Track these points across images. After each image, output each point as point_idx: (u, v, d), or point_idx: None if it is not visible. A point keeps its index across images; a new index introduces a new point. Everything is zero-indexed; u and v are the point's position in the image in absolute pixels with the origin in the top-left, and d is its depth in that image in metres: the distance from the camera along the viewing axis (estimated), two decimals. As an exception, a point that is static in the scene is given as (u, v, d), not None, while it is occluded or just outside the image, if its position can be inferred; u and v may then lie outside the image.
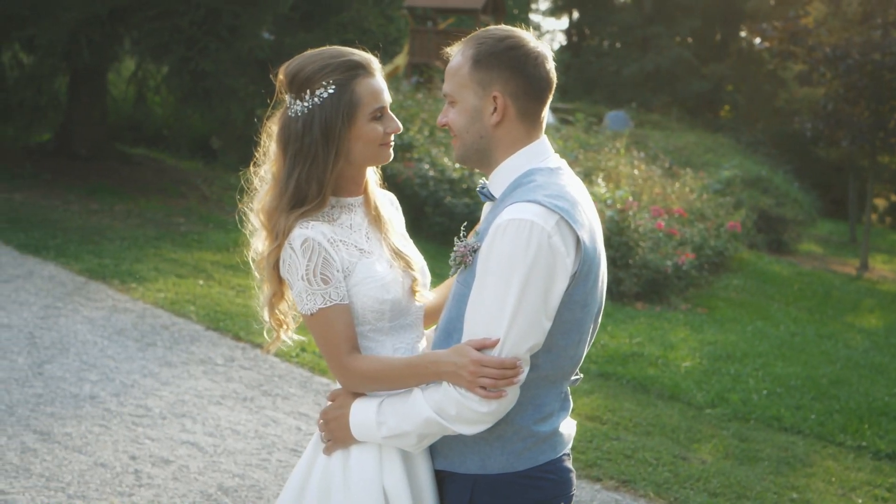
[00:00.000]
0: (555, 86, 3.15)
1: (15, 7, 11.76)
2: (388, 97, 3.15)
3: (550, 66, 3.12)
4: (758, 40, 53.59)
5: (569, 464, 3.16)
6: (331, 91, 3.05)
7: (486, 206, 3.20)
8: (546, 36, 62.84)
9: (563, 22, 65.73)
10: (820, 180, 33.64)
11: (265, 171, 3.23)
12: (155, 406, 7.08)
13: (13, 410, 6.68)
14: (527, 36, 3.09)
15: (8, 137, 13.67)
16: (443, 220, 14.16)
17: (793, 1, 45.39)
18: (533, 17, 62.03)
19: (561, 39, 63.16)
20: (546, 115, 3.16)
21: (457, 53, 3.11)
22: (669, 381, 9.27)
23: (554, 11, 63.36)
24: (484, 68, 3.03)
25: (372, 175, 3.27)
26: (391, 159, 3.19)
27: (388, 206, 3.35)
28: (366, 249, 3.12)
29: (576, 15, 61.47)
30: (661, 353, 10.23)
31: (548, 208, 2.86)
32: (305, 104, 3.06)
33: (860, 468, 7.85)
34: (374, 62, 3.14)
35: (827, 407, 9.24)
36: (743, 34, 54.12)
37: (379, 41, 14.52)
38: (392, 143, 3.16)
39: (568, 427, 3.16)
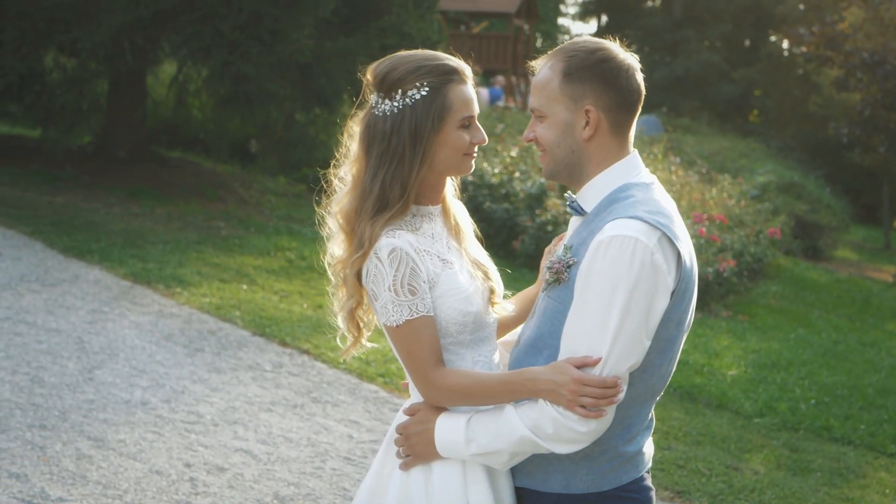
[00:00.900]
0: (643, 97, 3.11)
1: (59, 10, 11.80)
2: (477, 107, 3.10)
3: (640, 77, 3.07)
4: (785, 44, 53.51)
5: (649, 482, 3.12)
6: (423, 93, 3.00)
7: (574, 220, 3.14)
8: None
9: (592, 26, 65.77)
10: (851, 186, 33.40)
11: (345, 172, 3.18)
12: (206, 413, 7.06)
13: (66, 416, 6.67)
14: (615, 47, 3.05)
15: (49, 140, 13.69)
16: (481, 225, 13.91)
17: (824, 6, 45.19)
18: (562, 20, 61.85)
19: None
20: (634, 128, 3.12)
21: (543, 67, 3.06)
22: (716, 390, 9.20)
23: (583, 15, 63.25)
24: (576, 81, 2.98)
25: (450, 184, 3.23)
26: (471, 171, 3.15)
27: (465, 214, 3.31)
28: (448, 260, 3.08)
29: (604, 19, 61.48)
30: (706, 361, 10.15)
31: (650, 225, 2.82)
32: (395, 104, 3.02)
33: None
34: (467, 70, 3.10)
35: (876, 417, 9.15)
36: (773, 39, 53.90)
37: (418, 45, 14.49)
38: (475, 155, 3.12)
39: (649, 445, 3.12)
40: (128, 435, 6.51)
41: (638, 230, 2.80)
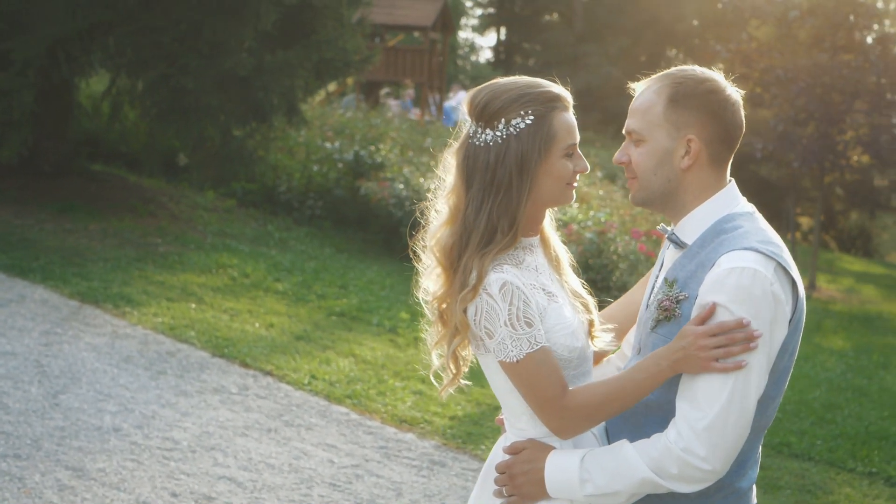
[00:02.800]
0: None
1: (-10, 20, 11.45)
2: (578, 135, 3.02)
3: (742, 113, 3.02)
4: (674, 53, 54.56)
5: None
6: (528, 122, 2.91)
7: (671, 252, 3.06)
8: (474, 52, 62.87)
9: (491, 39, 66.20)
10: (752, 199, 34.00)
11: (441, 205, 3.07)
12: (182, 439, 6.86)
13: (39, 444, 6.43)
14: (723, 80, 2.99)
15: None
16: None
17: (725, 22, 46.10)
18: (462, 34, 62.10)
19: (488, 56, 63.25)
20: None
21: (647, 90, 2.99)
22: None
23: (482, 28, 63.56)
24: (682, 109, 2.91)
25: (548, 214, 3.14)
26: (573, 201, 3.07)
27: (561, 244, 3.22)
28: (552, 292, 2.99)
29: (504, 32, 61.88)
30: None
31: (766, 255, 2.77)
32: (498, 134, 2.92)
33: (877, 495, 7.87)
34: (569, 96, 3.01)
35: (830, 432, 9.27)
36: (677, 54, 54.90)
37: (352, 59, 14.38)
38: (576, 185, 3.04)
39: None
40: (106, 463, 6.29)
41: (755, 261, 2.75)
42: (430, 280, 3.08)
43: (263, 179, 15.51)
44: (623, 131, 3.03)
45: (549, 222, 3.14)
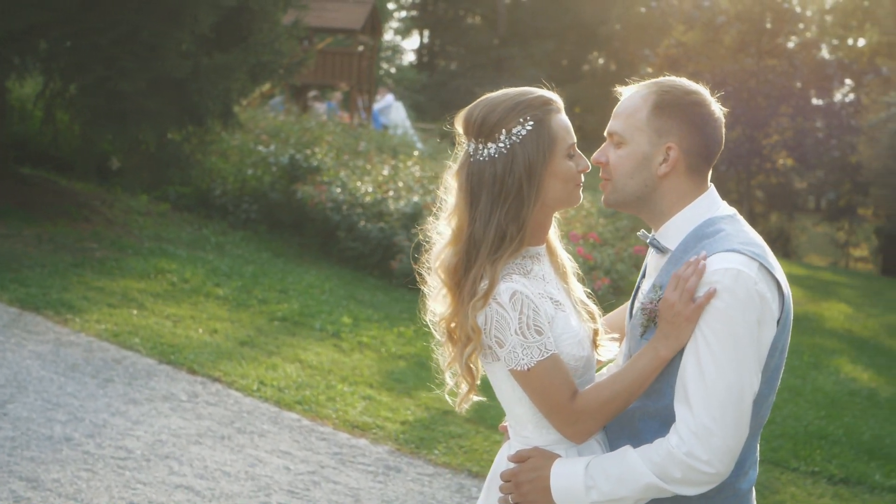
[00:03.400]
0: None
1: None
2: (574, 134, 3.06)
3: (723, 131, 3.09)
4: (601, 61, 55.06)
5: None
6: (528, 128, 2.95)
7: (655, 258, 3.12)
8: (398, 55, 62.82)
9: (414, 41, 66.15)
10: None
11: (443, 227, 3.09)
12: (135, 447, 6.78)
13: (-9, 455, 6.30)
14: (709, 96, 3.05)
15: None
16: (356, 244, 13.97)
17: (647, 26, 46.64)
18: (385, 37, 62.02)
19: (411, 59, 63.27)
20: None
21: (634, 95, 3.04)
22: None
23: (405, 31, 63.54)
24: (666, 117, 2.97)
25: (553, 223, 3.17)
26: (580, 202, 3.09)
27: (566, 254, 3.25)
28: (559, 301, 3.03)
29: (426, 34, 61.95)
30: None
31: (748, 256, 2.84)
32: (501, 145, 2.96)
33: (821, 494, 8.02)
34: (559, 98, 3.06)
35: (771, 432, 9.41)
36: (599, 59, 55.39)
37: (287, 61, 14.31)
38: (582, 184, 3.07)
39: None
40: (60, 474, 6.20)
41: (739, 262, 2.81)
42: (436, 302, 3.10)
43: (197, 183, 15.34)
44: (605, 133, 3.07)
45: (554, 232, 3.17)
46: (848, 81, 22.19)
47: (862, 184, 34.74)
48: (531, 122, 2.95)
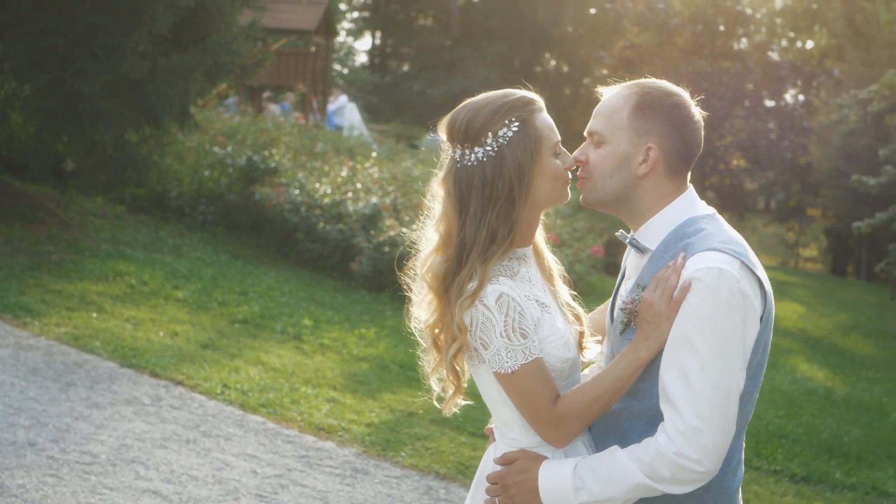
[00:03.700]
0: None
1: None
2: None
3: (703, 133, 3.11)
4: (553, 63, 55.30)
5: None
6: (514, 129, 2.96)
7: (635, 258, 3.13)
8: (350, 56, 62.68)
9: (366, 42, 66.08)
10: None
11: (431, 233, 3.08)
12: (100, 452, 6.71)
13: (-46, 461, 6.22)
14: (689, 99, 3.07)
15: None
16: (315, 246, 13.92)
17: (600, 28, 46.86)
18: (337, 38, 61.82)
19: (363, 60, 63.13)
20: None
21: (614, 95, 3.06)
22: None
23: (357, 32, 63.37)
24: (646, 117, 2.99)
25: (540, 227, 3.17)
26: (569, 199, 3.10)
27: (552, 256, 3.26)
28: (545, 303, 3.03)
29: (378, 36, 61.81)
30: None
31: (730, 255, 2.86)
32: (488, 148, 2.96)
33: (784, 493, 8.09)
34: (540, 98, 3.07)
35: (731, 432, 9.49)
36: (552, 60, 55.53)
37: (245, 62, 14.22)
38: (569, 181, 3.08)
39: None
40: (25, 479, 6.13)
41: (721, 261, 2.83)
42: (421, 309, 3.10)
43: (153, 185, 15.21)
44: (585, 132, 3.09)
45: (540, 235, 3.17)
46: (799, 83, 22.42)
47: (812, 185, 35.16)
48: (516, 124, 2.96)
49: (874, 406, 11.84)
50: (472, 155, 2.97)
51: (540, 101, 3.04)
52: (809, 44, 47.67)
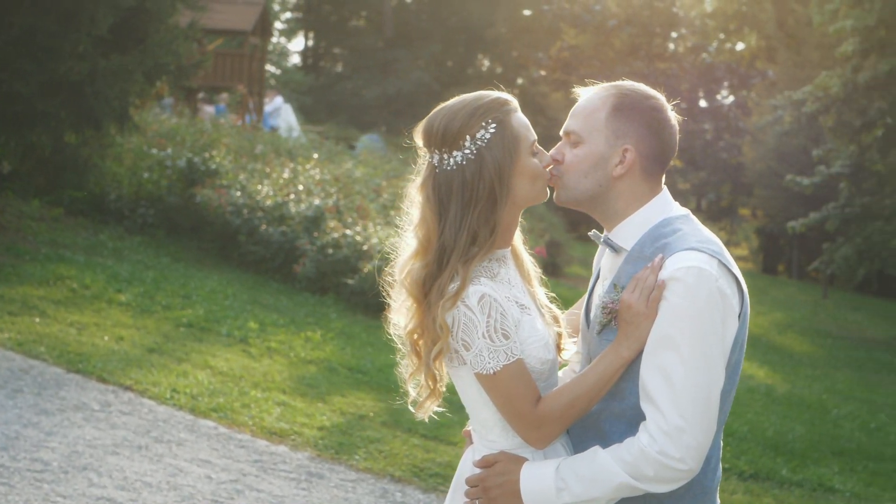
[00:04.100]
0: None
1: None
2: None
3: (678, 137, 3.14)
4: (487, 63, 55.56)
5: None
6: (492, 130, 2.96)
7: (609, 258, 3.15)
8: (284, 57, 62.36)
9: (299, 43, 65.66)
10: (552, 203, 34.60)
11: (410, 238, 3.07)
12: (51, 459, 6.61)
13: None
14: (666, 102, 3.10)
15: None
16: (257, 248, 13.83)
17: (533, 29, 47.06)
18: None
19: (296, 61, 62.86)
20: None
21: (592, 96, 3.08)
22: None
23: (289, 33, 63.06)
24: (624, 119, 3.01)
25: (517, 228, 3.18)
26: (547, 197, 3.11)
27: (530, 258, 3.26)
28: (525, 305, 3.04)
29: (311, 36, 61.53)
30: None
31: (707, 254, 2.88)
32: (467, 151, 2.95)
33: (734, 490, 8.19)
34: (513, 98, 3.07)
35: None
36: (485, 61, 55.66)
37: (183, 63, 14.10)
38: (548, 180, 3.08)
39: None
40: (-24, 488, 6.01)
41: (699, 260, 2.85)
42: (400, 314, 3.09)
43: (92, 187, 14.99)
44: (561, 132, 3.10)
45: (518, 237, 3.17)
46: (733, 83, 22.71)
47: (744, 184, 35.62)
48: (493, 125, 2.96)
49: (815, 403, 12.04)
50: (451, 159, 2.97)
51: (514, 102, 3.05)
52: (740, 45, 48.34)
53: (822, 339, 19.55)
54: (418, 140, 3.05)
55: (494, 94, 3.03)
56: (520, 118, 3.02)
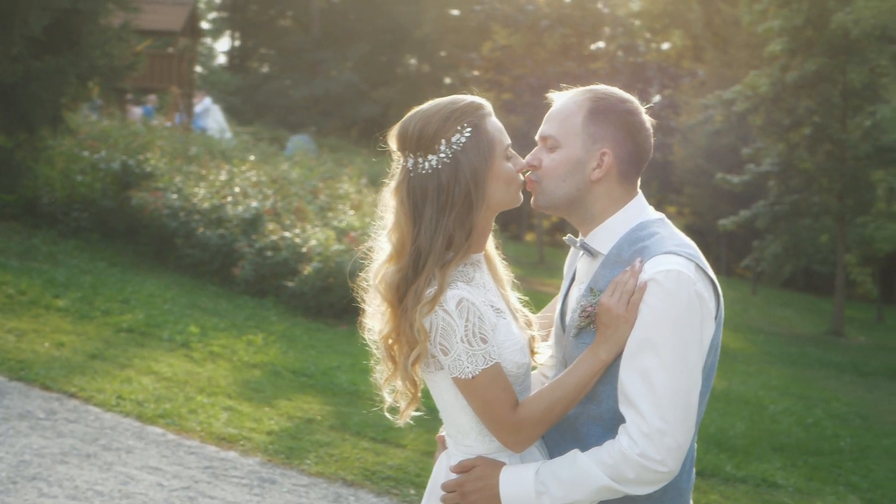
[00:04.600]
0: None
1: None
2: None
3: (653, 140, 3.17)
4: (414, 61, 55.55)
5: None
6: (467, 134, 2.96)
7: (585, 262, 3.17)
8: (210, 57, 61.79)
9: (225, 44, 65.20)
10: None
11: (383, 243, 3.07)
12: (-1, 470, 6.50)
13: None
14: (640, 106, 3.13)
15: None
16: (195, 251, 13.69)
17: (461, 29, 47.23)
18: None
19: (222, 61, 62.32)
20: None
21: (567, 100, 3.10)
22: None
23: (215, 33, 62.49)
24: (600, 123, 3.04)
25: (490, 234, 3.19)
26: (521, 202, 3.12)
27: (502, 262, 3.27)
28: (500, 309, 3.05)
29: (238, 36, 61.08)
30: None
31: (685, 257, 2.92)
32: (442, 155, 2.96)
33: (698, 488, 8.28)
34: (487, 102, 3.08)
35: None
36: (412, 61, 55.66)
37: (117, 64, 13.94)
38: (522, 185, 3.10)
39: None
40: (-76, 501, 5.91)
41: (677, 263, 2.89)
42: (375, 320, 3.09)
43: (23, 191, 14.74)
44: (537, 136, 3.12)
45: (491, 241, 3.18)
46: (663, 83, 22.94)
47: (672, 183, 36.01)
48: (469, 129, 2.97)
49: (752, 399, 12.20)
50: (426, 163, 2.97)
51: (488, 106, 3.06)
52: (666, 45, 48.83)
53: (755, 336, 19.83)
54: (392, 144, 3.05)
55: (468, 98, 3.04)
56: (494, 122, 3.03)
